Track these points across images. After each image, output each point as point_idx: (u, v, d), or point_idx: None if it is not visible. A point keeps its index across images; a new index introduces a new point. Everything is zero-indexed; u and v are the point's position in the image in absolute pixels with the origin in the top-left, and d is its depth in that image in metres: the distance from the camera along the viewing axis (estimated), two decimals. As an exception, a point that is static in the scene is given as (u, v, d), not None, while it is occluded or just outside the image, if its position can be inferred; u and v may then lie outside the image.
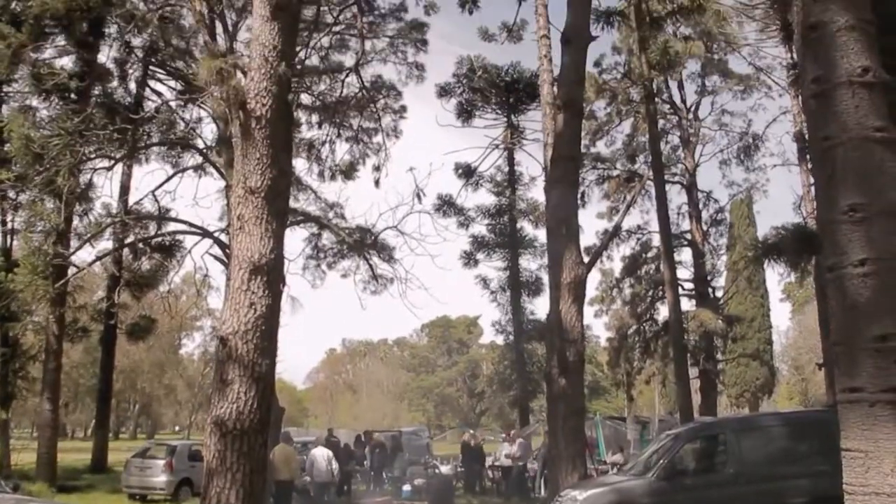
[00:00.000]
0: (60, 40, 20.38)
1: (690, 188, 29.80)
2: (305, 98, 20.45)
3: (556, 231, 12.75)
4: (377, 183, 21.23)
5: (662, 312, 29.61)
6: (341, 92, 19.05)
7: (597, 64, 29.00)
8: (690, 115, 30.64)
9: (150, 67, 23.43)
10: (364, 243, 19.34)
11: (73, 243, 19.10)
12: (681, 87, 30.64)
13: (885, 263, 4.82)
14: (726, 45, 28.56)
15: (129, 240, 19.26)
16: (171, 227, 18.89)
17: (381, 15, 20.89)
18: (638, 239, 31.08)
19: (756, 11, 24.19)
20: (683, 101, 30.74)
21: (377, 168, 21.47)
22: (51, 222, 17.56)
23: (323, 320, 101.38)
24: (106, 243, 19.81)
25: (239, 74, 9.23)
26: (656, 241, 28.23)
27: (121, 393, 58.64)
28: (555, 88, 16.91)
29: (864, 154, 4.97)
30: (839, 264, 4.98)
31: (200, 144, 20.23)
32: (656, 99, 26.52)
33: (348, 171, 22.00)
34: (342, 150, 25.75)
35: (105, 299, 22.40)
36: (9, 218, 22.85)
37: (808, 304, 50.18)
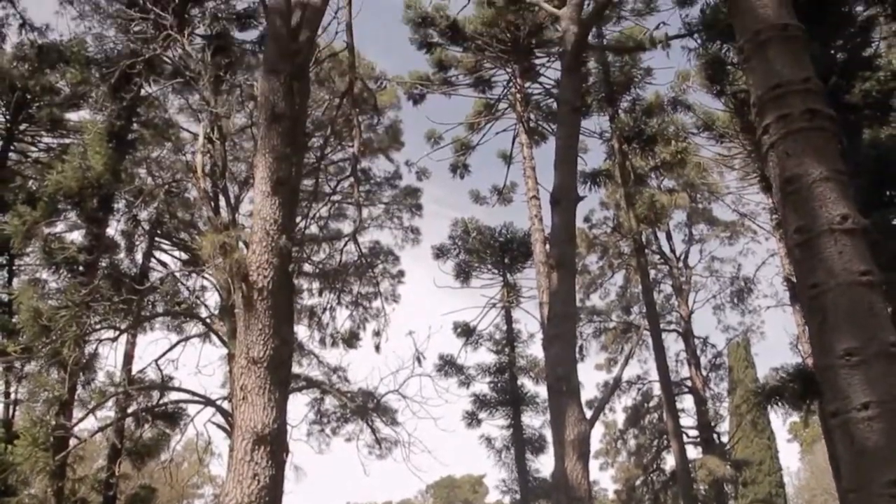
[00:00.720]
0: (72, 215, 21.09)
1: (687, 335, 30.01)
2: (306, 266, 21.09)
3: (557, 389, 12.77)
4: (378, 348, 21.50)
5: (669, 462, 29.22)
6: (340, 259, 19.70)
7: (587, 219, 30.16)
8: (681, 264, 31.33)
9: (156, 239, 24.08)
10: (366, 408, 19.40)
11: (76, 413, 19.07)
12: (669, 237, 31.54)
13: (889, 406, 4.79)
14: (709, 194, 29.72)
15: (132, 409, 19.28)
16: (174, 395, 19.01)
17: (376, 183, 21.95)
18: (638, 389, 31.08)
19: (735, 161, 25.31)
20: (673, 251, 31.53)
21: (377, 333, 21.81)
22: (54, 392, 17.61)
23: (326, 483, 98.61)
24: (108, 412, 19.80)
25: (241, 245, 9.61)
26: (657, 389, 28.21)
27: (116, 568, 56.22)
28: (547, 247, 17.44)
29: (853, 298, 5.04)
30: (842, 409, 4.95)
31: (204, 313, 20.66)
32: (646, 250, 27.18)
33: (349, 340, 22.35)
34: (343, 316, 26.24)
35: (105, 469, 22.09)
36: (12, 389, 22.84)
37: (817, 443, 49.20)
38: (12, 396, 22.89)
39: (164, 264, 24.37)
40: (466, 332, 29.57)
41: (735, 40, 6.35)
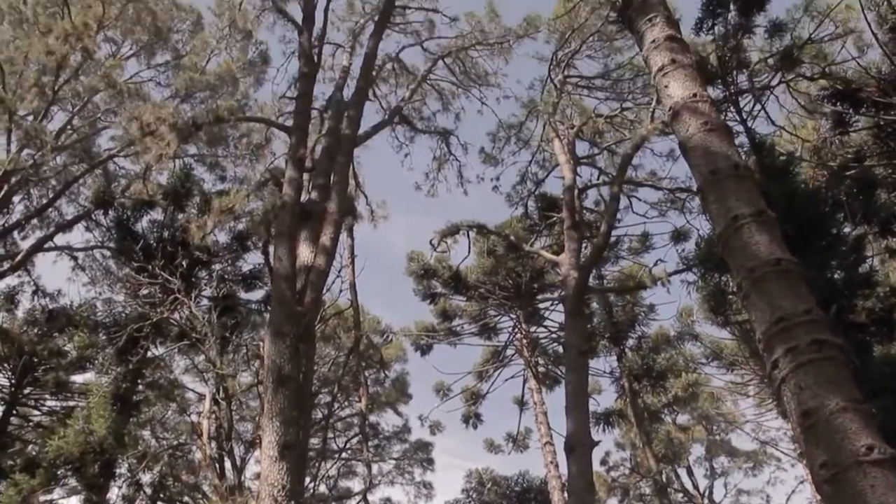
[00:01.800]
0: (71, 481, 20.49)
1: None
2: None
3: None
4: None
5: None
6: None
7: (603, 462, 29.39)
8: (706, 501, 29.94)
9: (159, 503, 23.28)
10: None
11: None
12: (690, 472, 30.37)
13: None
14: (726, 424, 29.05)
15: None
16: None
17: (385, 438, 21.55)
18: None
19: (749, 388, 24.88)
20: (696, 487, 30.20)
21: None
22: None
23: None
24: None
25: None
26: None
27: None
28: (566, 495, 16.81)
29: (896, 533, 4.69)
30: None
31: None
32: (668, 489, 26.17)
33: None
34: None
35: None
36: None
37: None
38: None
39: (167, 534, 23.35)
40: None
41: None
